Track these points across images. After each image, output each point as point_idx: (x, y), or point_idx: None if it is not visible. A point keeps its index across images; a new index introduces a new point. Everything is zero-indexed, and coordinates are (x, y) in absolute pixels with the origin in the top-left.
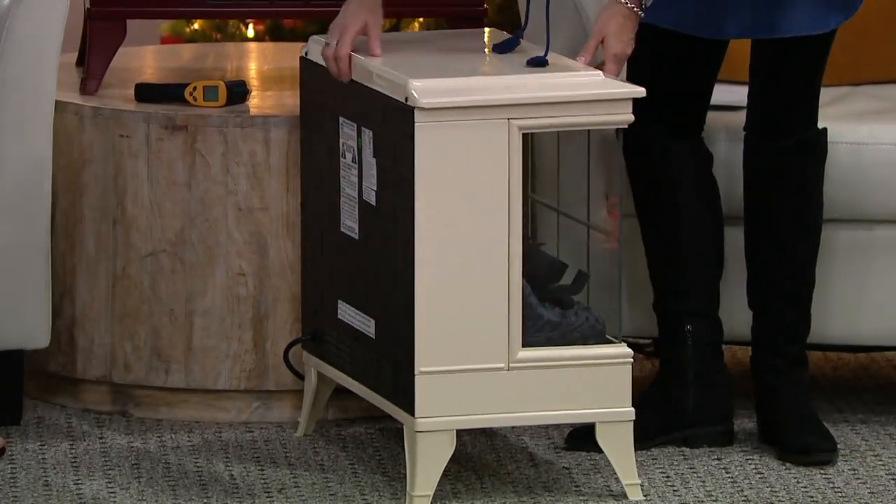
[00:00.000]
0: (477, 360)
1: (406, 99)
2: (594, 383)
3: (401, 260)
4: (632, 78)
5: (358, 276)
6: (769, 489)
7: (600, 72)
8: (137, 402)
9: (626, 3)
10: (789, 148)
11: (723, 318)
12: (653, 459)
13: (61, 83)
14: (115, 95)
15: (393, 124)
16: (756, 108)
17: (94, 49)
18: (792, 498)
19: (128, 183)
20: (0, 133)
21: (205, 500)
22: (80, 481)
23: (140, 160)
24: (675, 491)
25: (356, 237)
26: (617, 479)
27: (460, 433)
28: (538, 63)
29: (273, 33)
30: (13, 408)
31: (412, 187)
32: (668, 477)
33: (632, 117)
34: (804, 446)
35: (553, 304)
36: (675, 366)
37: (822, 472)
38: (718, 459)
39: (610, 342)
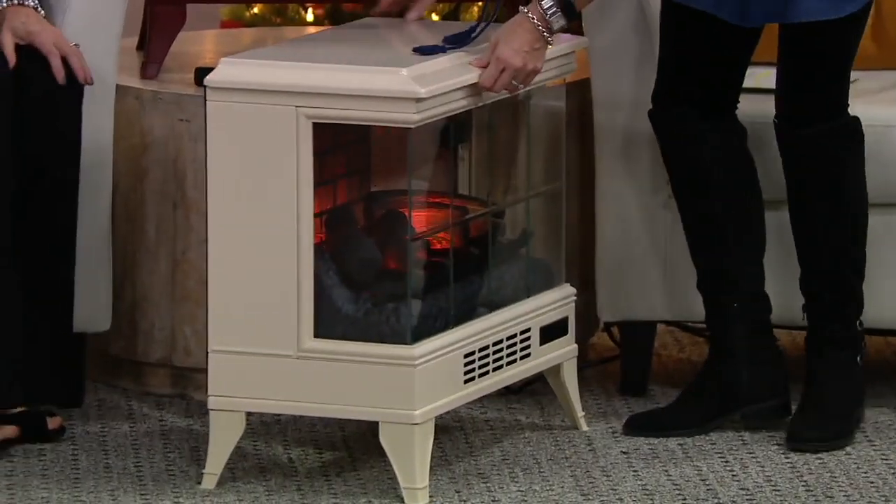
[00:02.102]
0: (268, 345)
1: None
2: (379, 382)
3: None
4: (663, 59)
5: None
6: (829, 475)
7: (404, 70)
8: (197, 385)
9: (532, 18)
10: (813, 136)
11: (778, 300)
12: (711, 444)
13: (122, 67)
14: (175, 80)
15: None
16: (780, 96)
17: (154, 33)
18: (852, 483)
19: (188, 167)
20: None
21: (263, 484)
22: (140, 464)
23: (200, 144)
24: (734, 476)
25: None
26: (675, 463)
27: (516, 416)
28: (425, 52)
29: (332, 17)
30: (75, 390)
31: (205, 167)
32: (727, 462)
33: (414, 117)
34: (792, 431)
35: (370, 299)
36: (725, 345)
37: (884, 457)
38: (778, 444)
39: (404, 344)
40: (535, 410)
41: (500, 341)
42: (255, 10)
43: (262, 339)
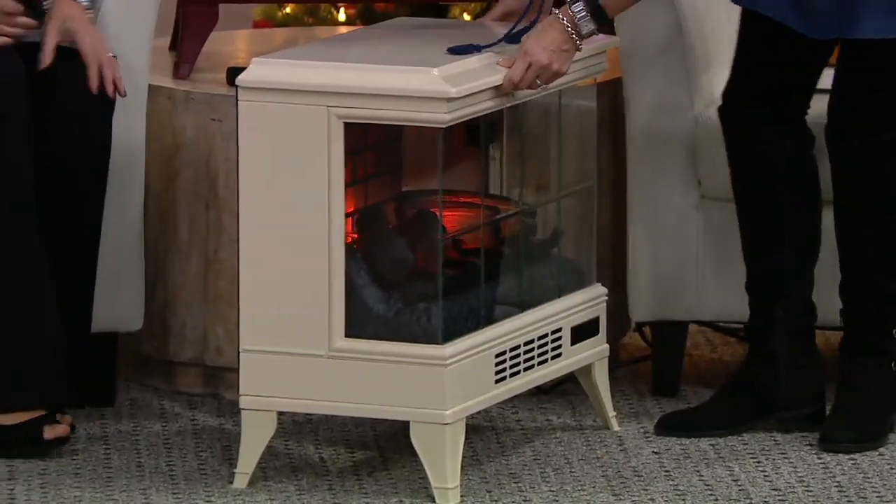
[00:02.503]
0: (299, 345)
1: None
2: (410, 382)
3: None
4: (737, 59)
5: None
6: (862, 475)
7: (435, 70)
8: (229, 384)
9: (562, 20)
10: (862, 147)
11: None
12: (744, 445)
13: (154, 67)
14: (207, 79)
15: None
16: (833, 106)
17: (186, 33)
18: (885, 484)
19: (220, 166)
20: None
21: (295, 483)
22: (172, 462)
23: (232, 144)
24: (766, 476)
25: None
26: (707, 464)
27: (548, 416)
28: (459, 51)
29: (364, 16)
30: (107, 389)
31: (237, 167)
32: (759, 463)
33: (445, 117)
34: (825, 432)
35: (401, 298)
36: (765, 349)
37: None
38: (810, 445)
39: (435, 344)
40: (566, 410)
41: (532, 341)
42: (288, 9)
43: (293, 338)
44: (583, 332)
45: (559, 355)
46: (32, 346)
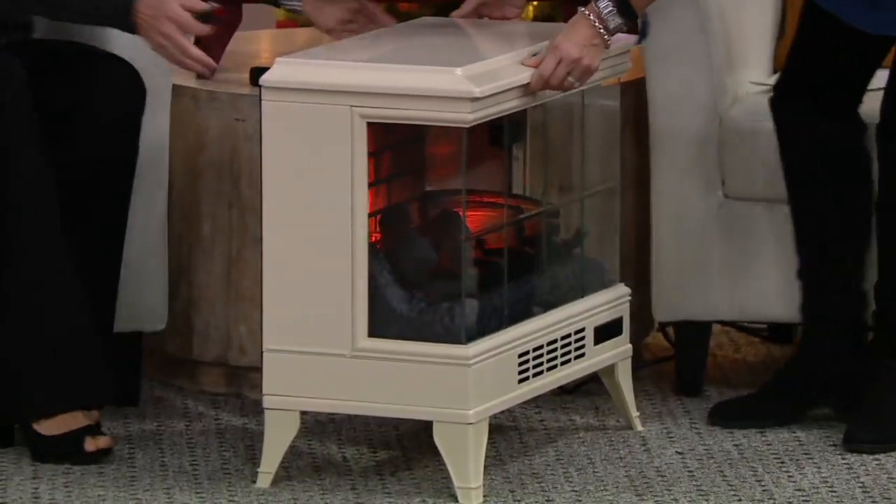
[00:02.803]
0: (322, 344)
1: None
2: (433, 382)
3: None
4: (792, 53)
5: None
6: (886, 476)
7: (458, 70)
8: (252, 384)
9: (589, 16)
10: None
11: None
12: (767, 445)
13: (177, 68)
14: (230, 79)
15: None
16: (884, 106)
17: (210, 33)
18: None
19: (243, 166)
20: None
21: (318, 483)
22: (195, 462)
23: (255, 143)
24: (790, 477)
25: None
26: (730, 464)
27: (571, 416)
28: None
29: None
30: (131, 389)
31: (260, 167)
32: (783, 463)
33: (468, 117)
34: (849, 432)
35: (425, 298)
36: (818, 338)
37: None
38: (834, 446)
39: (458, 344)
40: (589, 411)
41: (555, 341)
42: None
43: (316, 338)
44: (606, 333)
45: (582, 355)
46: (69, 347)
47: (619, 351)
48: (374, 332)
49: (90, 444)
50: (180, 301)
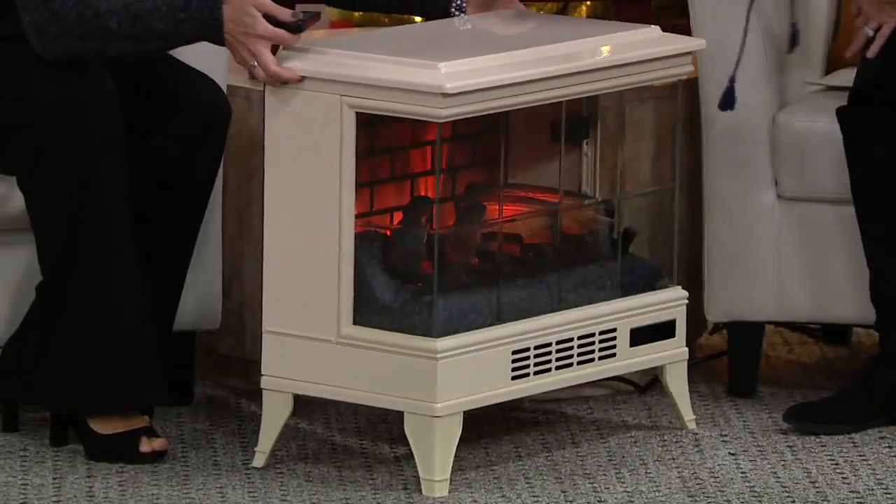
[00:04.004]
0: (312, 330)
1: None
2: (404, 373)
3: None
4: (864, 61)
5: None
6: None
7: (443, 65)
8: None
9: None
10: None
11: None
12: (821, 447)
13: (232, 68)
14: None
15: None
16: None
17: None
18: None
19: None
20: None
21: (370, 482)
22: (248, 461)
23: None
24: (844, 479)
25: None
26: (784, 465)
27: (623, 416)
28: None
29: None
30: (185, 388)
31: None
32: (836, 465)
33: (442, 112)
34: None
35: (410, 290)
36: (890, 349)
37: None
38: (889, 447)
39: (429, 337)
40: (641, 411)
41: (568, 340)
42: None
43: (308, 323)
44: (647, 334)
45: (612, 356)
46: (131, 349)
47: (668, 354)
48: (359, 320)
49: (146, 445)
50: (233, 301)
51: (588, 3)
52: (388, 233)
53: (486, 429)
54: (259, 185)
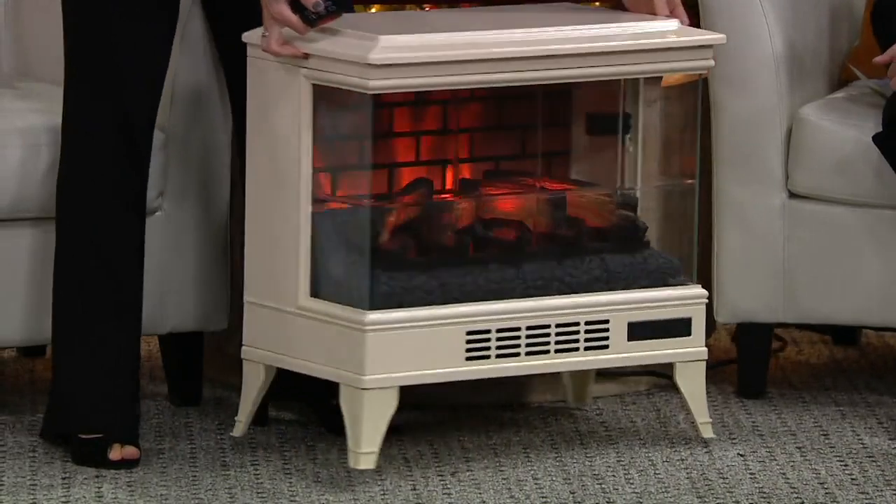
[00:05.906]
0: (279, 300)
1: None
2: (338, 344)
3: None
4: None
5: None
6: None
7: (384, 38)
8: None
9: None
10: None
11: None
12: (830, 448)
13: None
14: None
15: None
16: None
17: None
18: None
19: None
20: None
21: (379, 483)
22: (256, 462)
23: None
24: (853, 480)
25: None
26: (793, 467)
27: (632, 418)
28: None
29: None
30: (193, 388)
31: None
32: (846, 466)
33: (368, 84)
34: None
35: (363, 264)
36: None
37: None
38: None
39: (361, 309)
40: (650, 413)
41: (544, 326)
42: (374, 9)
43: (275, 295)
44: (650, 329)
45: (604, 347)
46: (105, 375)
47: (679, 352)
48: (317, 293)
49: (116, 453)
50: (241, 301)
51: (597, 3)
52: (346, 207)
53: (494, 429)
54: None
